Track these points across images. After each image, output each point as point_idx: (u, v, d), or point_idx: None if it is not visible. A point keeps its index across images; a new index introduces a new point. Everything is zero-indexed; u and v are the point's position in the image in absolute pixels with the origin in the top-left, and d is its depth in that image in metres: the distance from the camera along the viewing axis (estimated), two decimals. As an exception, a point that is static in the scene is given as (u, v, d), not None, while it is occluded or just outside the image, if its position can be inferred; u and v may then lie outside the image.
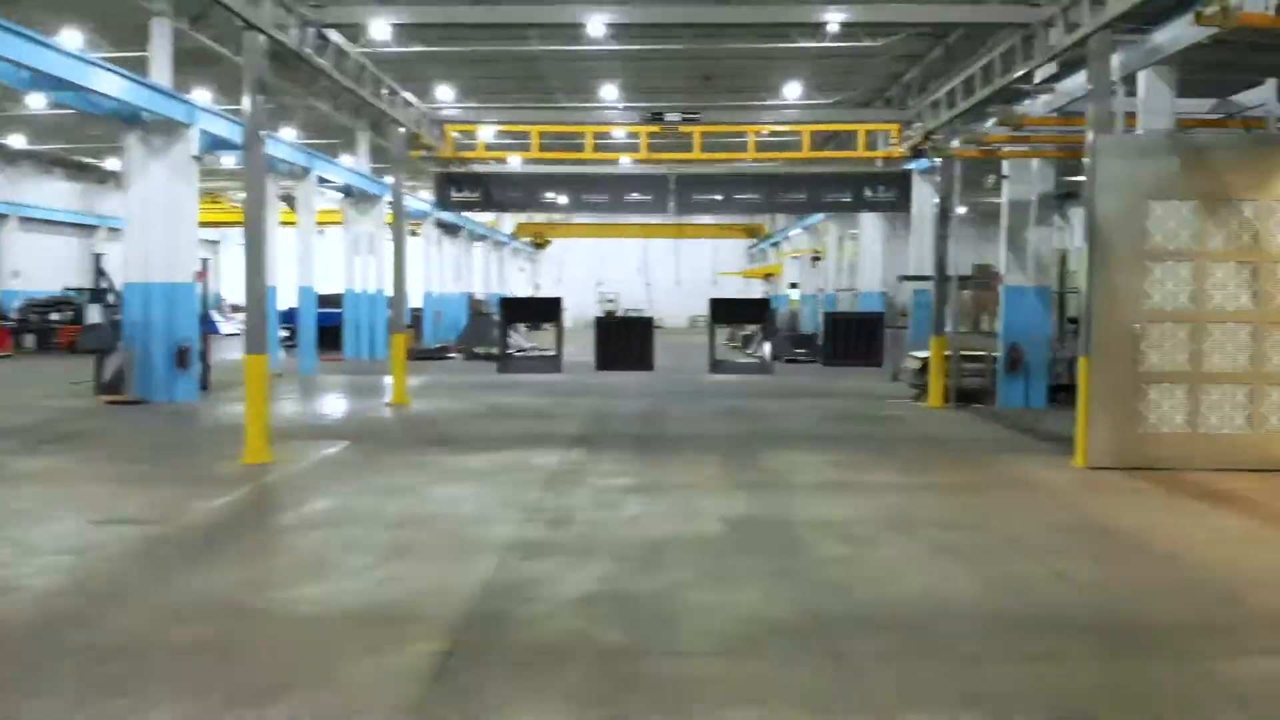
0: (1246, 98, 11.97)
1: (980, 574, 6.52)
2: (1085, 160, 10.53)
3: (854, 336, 15.13)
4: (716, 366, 15.26)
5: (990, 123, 13.44)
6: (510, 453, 11.23)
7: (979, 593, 6.13)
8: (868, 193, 15.59)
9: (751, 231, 46.86)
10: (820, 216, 32.76)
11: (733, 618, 5.60)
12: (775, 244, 46.22)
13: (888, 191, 15.69)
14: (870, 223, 26.23)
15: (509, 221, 46.01)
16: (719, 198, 15.36)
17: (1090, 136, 10.42)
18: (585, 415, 14.88)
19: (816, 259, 34.44)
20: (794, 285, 40.10)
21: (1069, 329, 17.34)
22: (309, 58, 11.95)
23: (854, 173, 16.05)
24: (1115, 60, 10.53)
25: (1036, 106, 12.61)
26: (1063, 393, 16.49)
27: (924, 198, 20.57)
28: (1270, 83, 10.69)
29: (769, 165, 16.42)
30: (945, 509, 8.60)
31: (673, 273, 52.82)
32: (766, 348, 15.05)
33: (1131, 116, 11.79)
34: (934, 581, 6.34)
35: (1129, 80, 11.51)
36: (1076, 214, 33.97)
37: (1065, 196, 30.44)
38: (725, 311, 16.63)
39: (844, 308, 32.89)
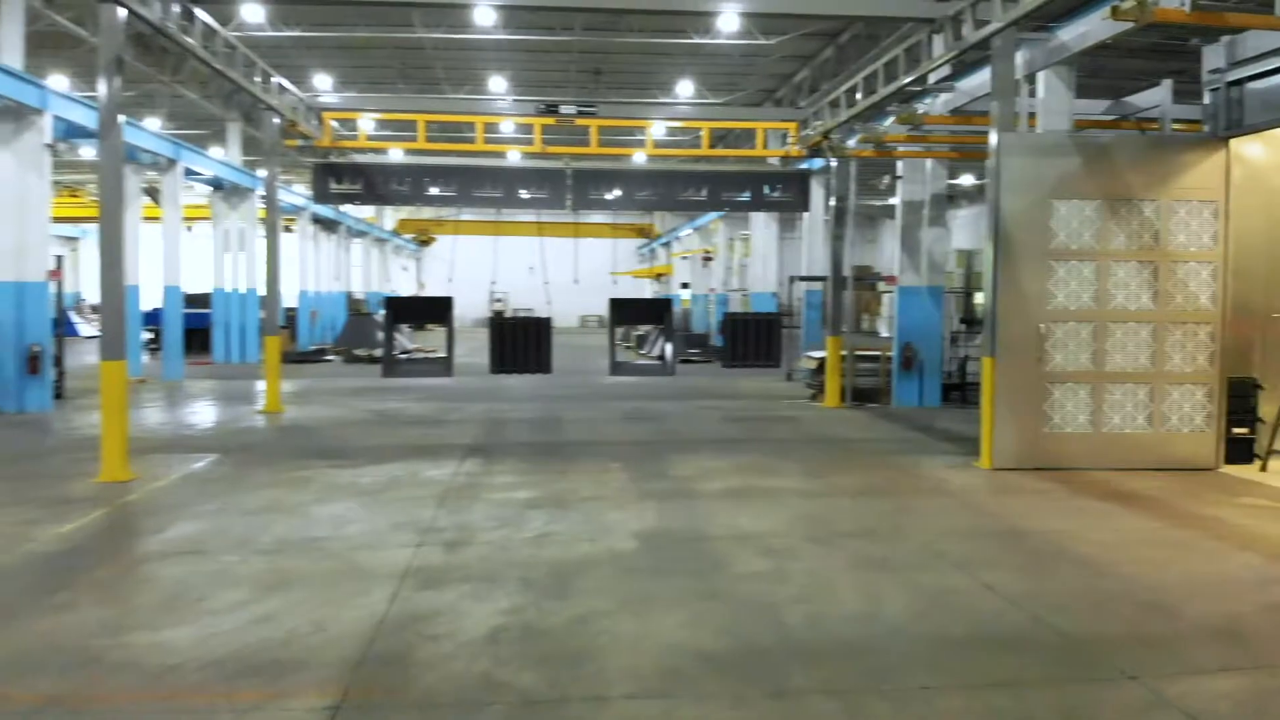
0: (1141, 99, 12.16)
1: (909, 589, 6.19)
2: (989, 159, 10.45)
3: (753, 337, 14.85)
4: (617, 368, 14.76)
5: (888, 122, 13.35)
6: (399, 465, 10.45)
7: (912, 611, 5.79)
8: (767, 191, 15.34)
9: (642, 231, 46.66)
10: (712, 216, 32.68)
11: (658, 650, 5.09)
12: (666, 244, 46.11)
13: (786, 191, 15.48)
14: (762, 223, 26.20)
15: (391, 218, 44.49)
16: (617, 194, 14.83)
17: (995, 135, 10.34)
18: (480, 422, 14.16)
19: (708, 259, 34.38)
20: (685, 285, 40.05)
21: (963, 329, 17.54)
22: (174, 35, 10.89)
23: (753, 171, 15.78)
24: (1020, 58, 10.47)
25: (936, 106, 12.55)
26: (954, 391, 16.72)
27: (818, 198, 20.55)
28: (1166, 84, 10.84)
29: (669, 162, 16.02)
30: (860, 516, 8.30)
31: (562, 272, 52.10)
32: (668, 349, 14.64)
33: (1031, 117, 11.83)
34: (864, 600, 5.97)
35: (1028, 81, 11.53)
36: (952, 216, 35.00)
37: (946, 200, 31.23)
38: (625, 312, 16.15)
39: (735, 308, 32.96)
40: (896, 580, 6.38)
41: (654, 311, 15.87)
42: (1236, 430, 10.58)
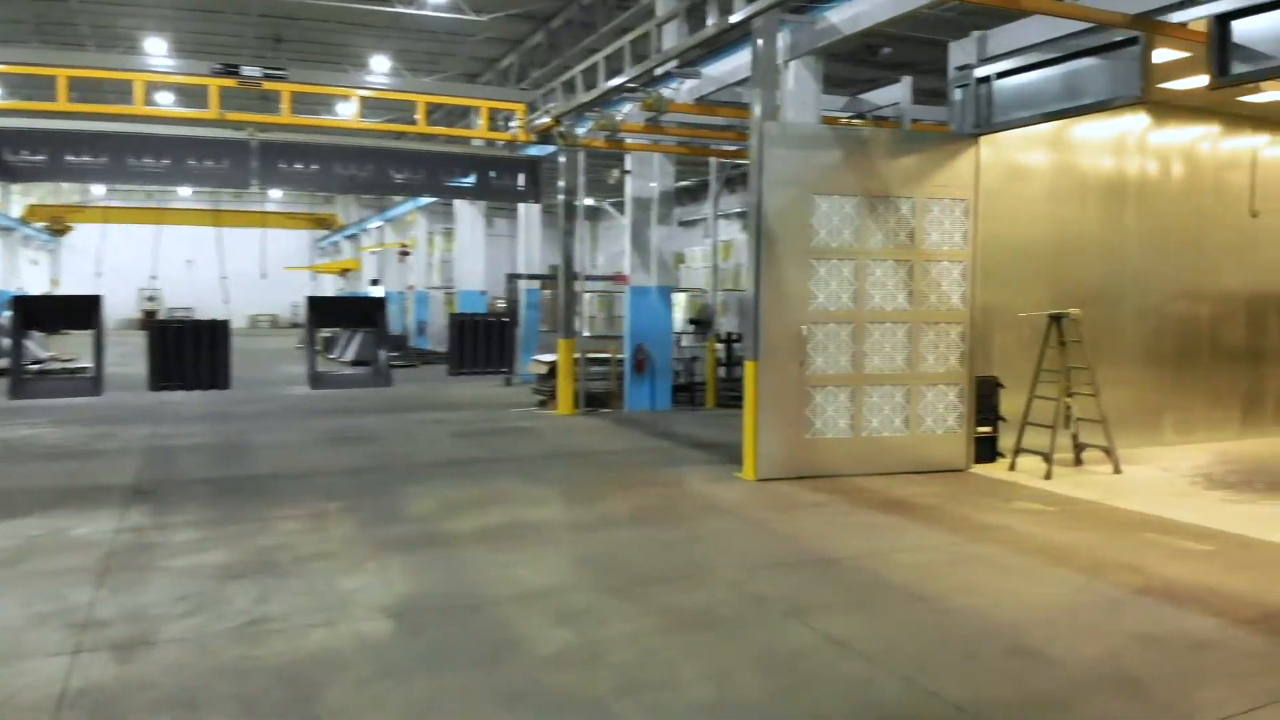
0: (879, 96, 12.03)
1: (752, 656, 5.04)
2: (751, 150, 9.68)
3: (483, 341, 13.25)
4: (318, 380, 12.54)
5: (627, 109, 12.34)
6: (36, 520, 7.83)
7: (771, 690, 4.63)
8: (493, 177, 13.81)
9: (322, 222, 42.91)
10: (409, 207, 30.43)
11: (473, 813, 3.51)
12: (352, 236, 42.81)
13: (514, 178, 14.04)
14: (468, 216, 24.52)
15: (17, 203, 37.51)
16: (314, 168, 12.59)
17: (756, 124, 9.58)
18: (143, 452, 11.42)
19: (405, 253, 32.02)
20: (375, 282, 37.19)
21: (691, 329, 17.06)
22: None
23: (478, 155, 14.18)
24: (781, 43, 9.79)
25: (681, 94, 11.70)
26: (682, 393, 16.18)
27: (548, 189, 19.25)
28: (905, 81, 10.67)
29: (381, 138, 13.97)
30: (650, 552, 7.09)
31: (237, 266, 46.81)
32: (382, 355, 12.67)
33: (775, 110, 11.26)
34: (708, 680, 4.73)
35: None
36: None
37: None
38: (327, 312, 13.89)
39: (438, 307, 30.96)
40: (732, 645, 5.20)
41: (362, 312, 13.77)
42: (981, 429, 10.63)
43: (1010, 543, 7.35)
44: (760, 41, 9.48)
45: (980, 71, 10.09)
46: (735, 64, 11.08)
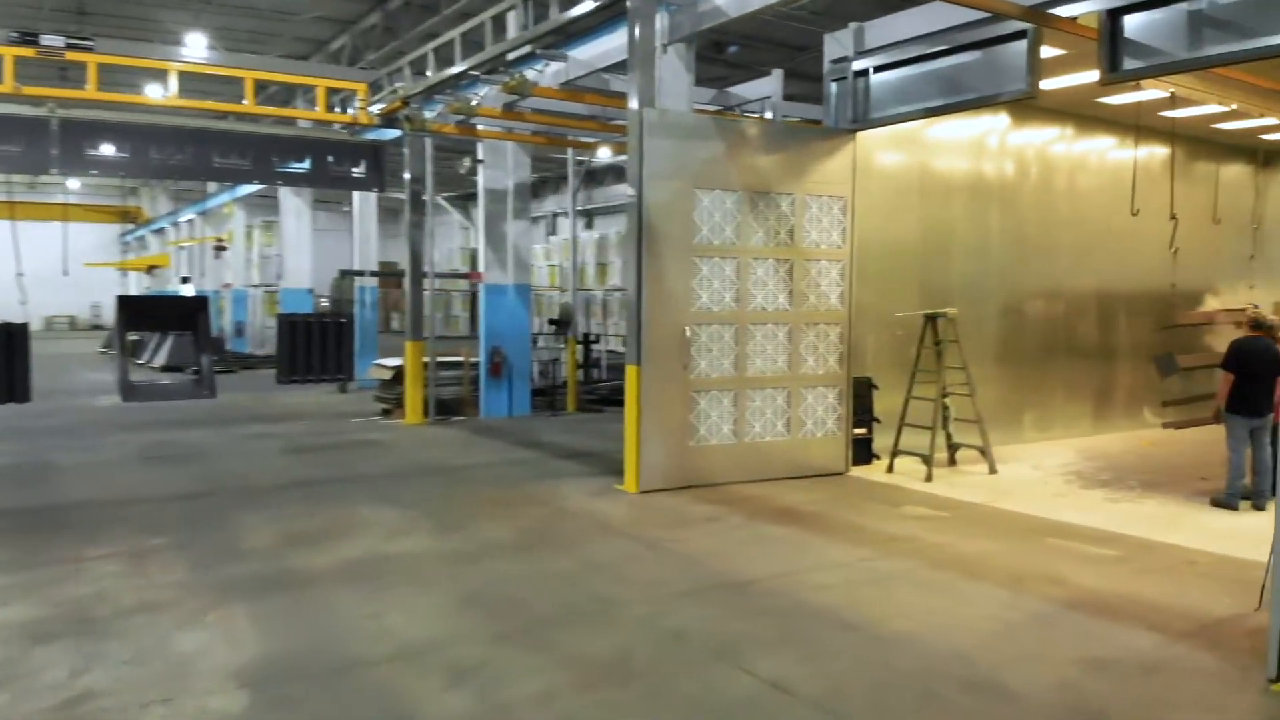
0: (749, 90, 11.61)
1: (688, 715, 4.36)
2: (630, 140, 9.01)
3: (318, 344, 12.02)
4: (131, 392, 10.97)
5: (484, 91, 11.41)
6: None
7: (722, 757, 3.96)
8: (331, 163, 12.52)
9: (127, 215, 39.20)
10: (224, 198, 28.11)
11: None
12: (160, 231, 39.39)
13: (354, 164, 12.80)
14: (294, 208, 22.68)
15: None
16: (125, 152, 10.93)
17: (635, 112, 8.91)
18: (-89, 480, 9.61)
19: (221, 249, 29.52)
20: (185, 280, 34.24)
21: (550, 330, 16.23)
22: None
23: (315, 138, 12.82)
24: (660, 24, 9.16)
25: (545, 77, 10.88)
26: (540, 397, 15.36)
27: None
28: (776, 74, 10.28)
29: (202, 117, 12.37)
30: (542, 587, 6.28)
31: (29, 263, 42.23)
32: (205, 360, 11.21)
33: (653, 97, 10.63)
34: (649, 749, 4.01)
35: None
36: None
37: (467, 198, 29.99)
38: (140, 314, 12.24)
39: (258, 307, 28.81)
40: (662, 700, 4.51)
41: (181, 313, 12.19)
42: (857, 431, 10.38)
43: (920, 555, 6.99)
44: (638, 23, 8.81)
45: (859, 65, 9.80)
46: (605, 47, 10.37)
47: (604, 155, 17.64)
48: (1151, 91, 11.17)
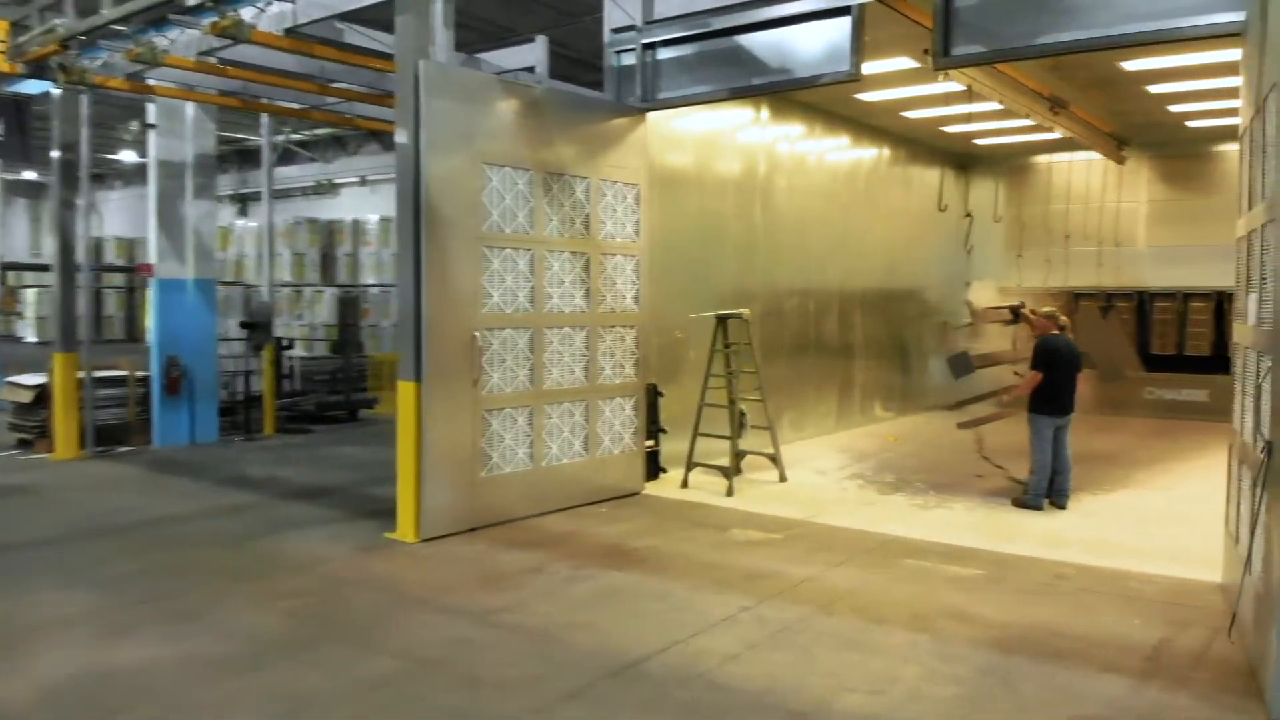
0: (504, 58, 10.07)
1: None
2: (401, 100, 7.23)
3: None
4: None
5: (175, 35, 8.87)
6: None
7: None
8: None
9: None
10: None
11: None
12: None
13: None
14: None
15: None
16: None
17: (409, 64, 7.15)
18: None
19: None
20: None
21: (244, 335, 13.51)
22: None
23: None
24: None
25: (264, 21, 8.59)
26: (228, 417, 12.75)
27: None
28: (540, 40, 8.93)
29: None
30: (362, 709, 4.51)
31: None
32: None
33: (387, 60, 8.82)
34: None
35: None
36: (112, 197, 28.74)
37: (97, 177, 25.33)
38: None
39: None
40: None
41: None
42: (647, 444, 9.33)
43: (798, 597, 6.03)
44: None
45: (650, 36, 8.72)
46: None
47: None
48: (887, 91, 11.24)
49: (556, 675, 4.83)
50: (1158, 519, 8.15)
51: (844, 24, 7.66)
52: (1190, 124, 13.00)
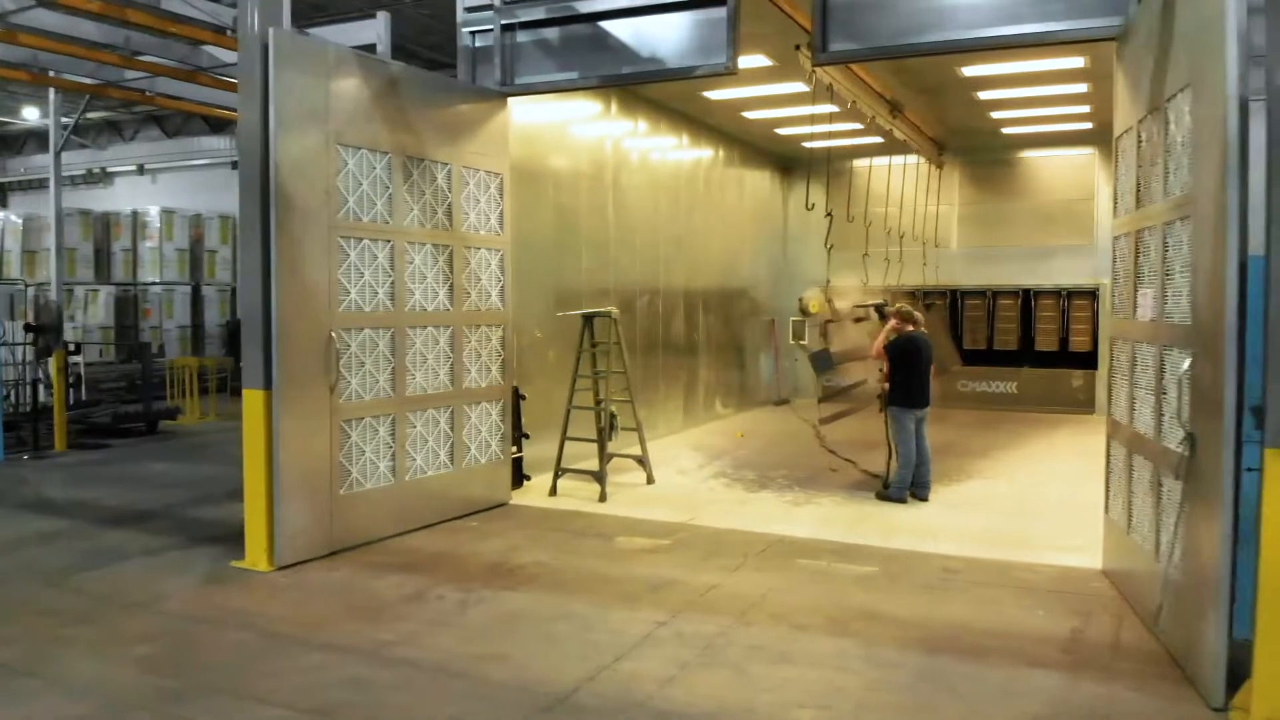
0: (340, 34, 9.25)
1: None
2: (244, 74, 6.40)
3: None
4: None
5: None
6: None
7: None
8: None
9: None
10: None
11: None
12: None
13: None
14: None
15: None
16: None
17: (253, 33, 6.34)
18: None
19: None
20: None
21: (28, 339, 11.80)
22: None
23: None
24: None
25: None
26: (10, 432, 11.18)
27: None
28: (382, 16, 8.22)
29: None
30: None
31: None
32: None
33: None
34: None
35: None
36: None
37: None
38: None
39: None
40: None
41: None
42: (511, 450, 8.83)
43: (711, 609, 5.75)
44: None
45: (509, 18, 8.21)
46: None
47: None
48: (734, 90, 11.25)
49: (481, 716, 4.31)
50: (1014, 508, 8.46)
51: (719, 14, 7.46)
52: (1005, 130, 13.79)
